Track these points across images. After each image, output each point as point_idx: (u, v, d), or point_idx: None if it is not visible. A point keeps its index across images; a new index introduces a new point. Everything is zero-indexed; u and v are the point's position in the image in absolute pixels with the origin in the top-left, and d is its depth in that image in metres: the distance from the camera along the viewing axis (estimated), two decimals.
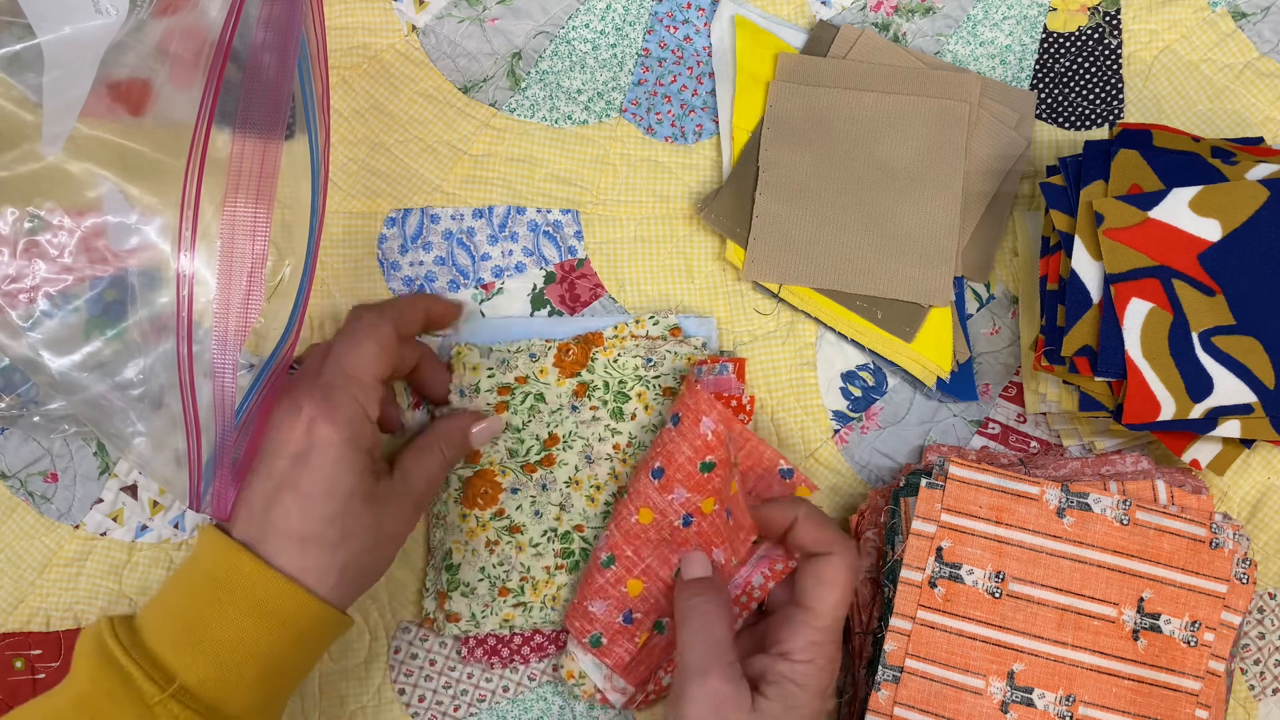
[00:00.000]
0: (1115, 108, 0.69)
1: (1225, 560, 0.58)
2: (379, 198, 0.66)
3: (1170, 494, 0.59)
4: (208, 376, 0.44)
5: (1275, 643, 0.63)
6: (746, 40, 0.68)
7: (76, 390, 0.49)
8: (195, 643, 0.49)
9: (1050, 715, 0.57)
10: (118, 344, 0.49)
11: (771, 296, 0.66)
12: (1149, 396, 0.58)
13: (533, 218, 0.67)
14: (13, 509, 0.63)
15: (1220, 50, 0.69)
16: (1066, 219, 0.62)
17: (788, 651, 0.54)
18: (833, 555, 0.55)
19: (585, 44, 0.68)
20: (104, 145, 0.48)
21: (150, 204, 0.48)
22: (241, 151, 0.43)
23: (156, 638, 0.50)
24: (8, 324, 0.49)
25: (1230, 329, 0.59)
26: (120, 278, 0.49)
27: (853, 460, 0.66)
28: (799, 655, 0.54)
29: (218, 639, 0.49)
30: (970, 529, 0.58)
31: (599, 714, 0.63)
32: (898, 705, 0.57)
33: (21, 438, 0.63)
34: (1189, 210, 0.60)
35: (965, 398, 0.65)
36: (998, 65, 0.69)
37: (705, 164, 0.68)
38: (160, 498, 0.63)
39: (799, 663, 0.53)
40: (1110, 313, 0.59)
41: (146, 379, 0.49)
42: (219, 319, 0.43)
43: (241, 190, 0.43)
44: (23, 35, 0.47)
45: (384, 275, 0.66)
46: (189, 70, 0.45)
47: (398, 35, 0.68)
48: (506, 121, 0.67)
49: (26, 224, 0.49)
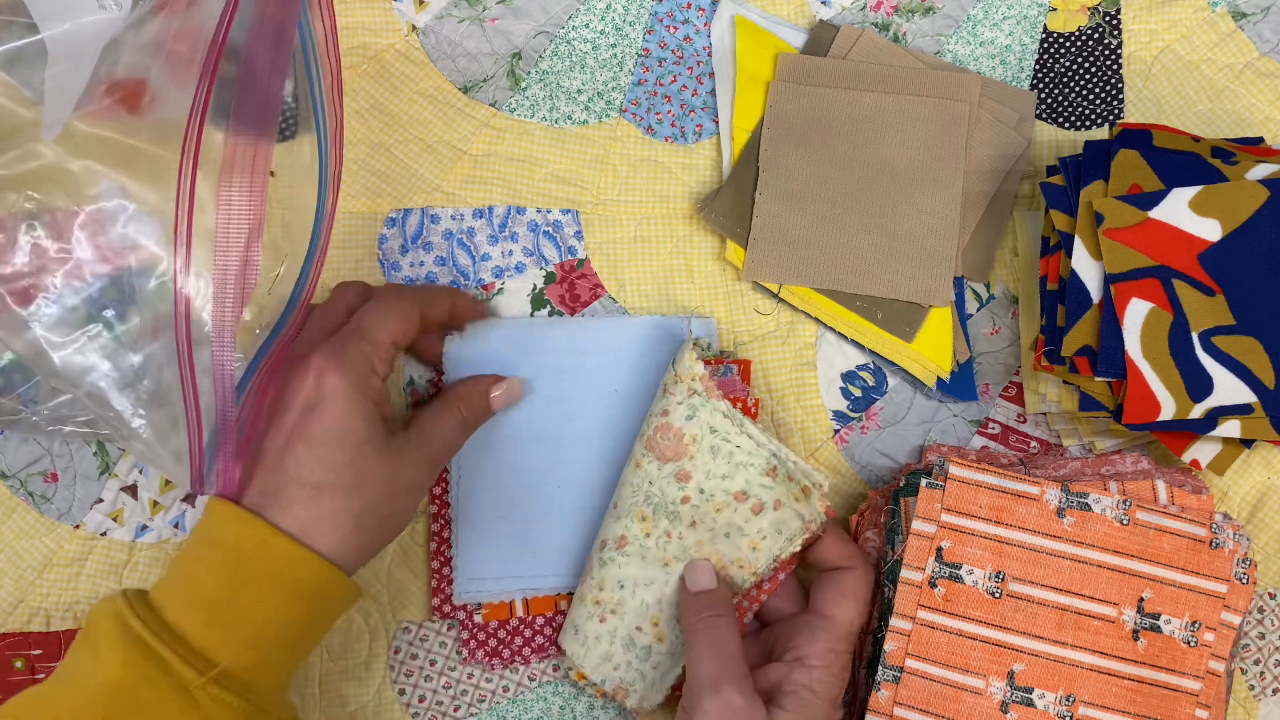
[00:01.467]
0: (1115, 108, 0.69)
1: (1225, 560, 0.58)
2: (379, 198, 0.66)
3: (1170, 494, 0.59)
4: (205, 371, 0.44)
5: (1275, 643, 0.63)
6: (746, 40, 0.68)
7: (78, 384, 0.49)
8: (226, 622, 0.48)
9: (1050, 715, 0.57)
10: (119, 338, 0.49)
11: (771, 296, 0.66)
12: (1149, 396, 0.58)
13: (533, 218, 0.67)
14: (13, 509, 0.63)
15: (1220, 50, 0.69)
16: (1066, 219, 0.62)
17: (804, 657, 0.54)
18: (856, 569, 0.57)
19: (585, 44, 0.68)
20: (103, 143, 0.48)
21: (150, 201, 0.48)
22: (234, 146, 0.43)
23: (183, 617, 0.48)
24: (10, 319, 0.49)
25: (1230, 329, 0.59)
26: (120, 274, 0.49)
27: (853, 460, 0.65)
28: (816, 661, 0.54)
29: (249, 618, 0.49)
30: (970, 529, 0.58)
31: (599, 714, 0.63)
32: (898, 705, 0.57)
33: (21, 438, 0.63)
34: (1189, 210, 0.60)
35: (965, 398, 0.65)
36: (998, 65, 0.69)
37: (705, 164, 0.68)
38: (160, 497, 0.63)
39: (815, 668, 0.54)
40: (1110, 313, 0.59)
41: (148, 373, 0.49)
42: (217, 297, 0.43)
43: (235, 183, 0.43)
44: (24, 33, 0.47)
45: (384, 275, 0.66)
46: (186, 67, 0.45)
47: (398, 35, 0.68)
48: (506, 121, 0.67)
49: (27, 221, 0.49)
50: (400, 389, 0.64)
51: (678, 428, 0.58)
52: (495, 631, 0.62)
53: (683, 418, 0.58)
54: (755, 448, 0.58)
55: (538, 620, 0.62)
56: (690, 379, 0.58)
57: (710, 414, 0.58)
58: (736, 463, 0.58)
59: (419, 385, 0.64)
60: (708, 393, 0.58)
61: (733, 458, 0.58)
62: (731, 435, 0.58)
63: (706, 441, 0.58)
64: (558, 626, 0.62)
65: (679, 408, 0.58)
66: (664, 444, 0.58)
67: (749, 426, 0.58)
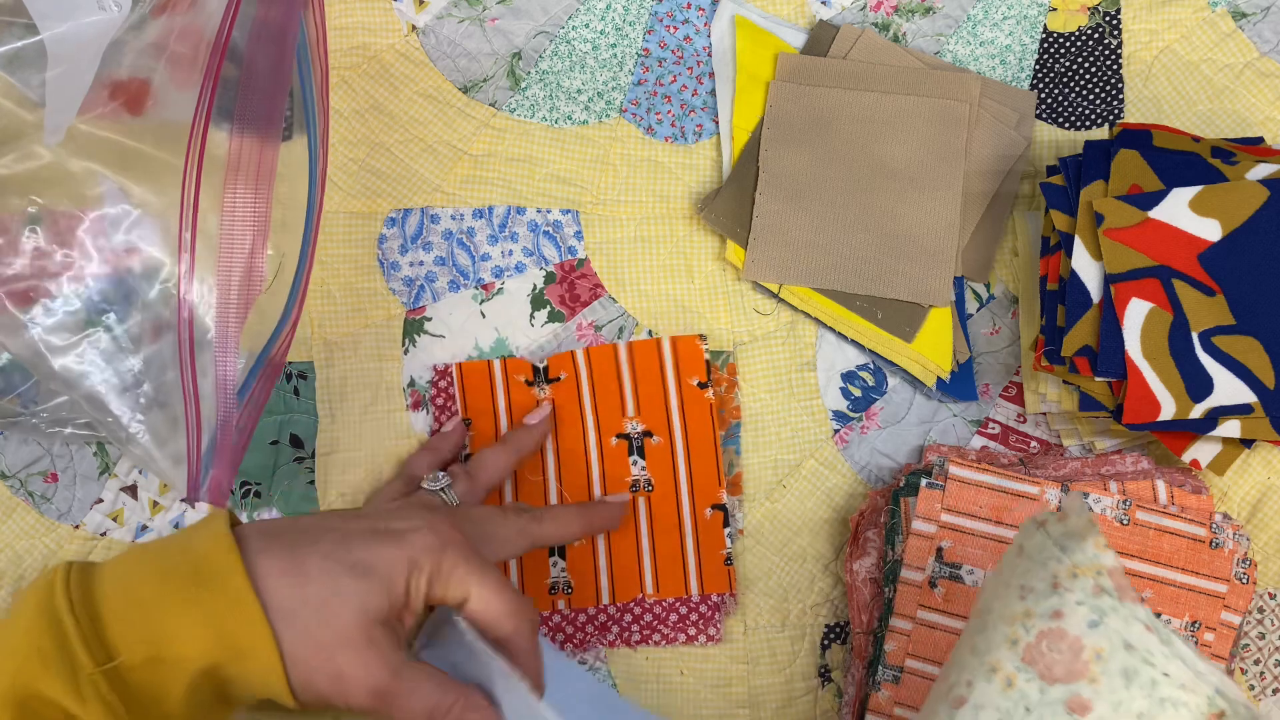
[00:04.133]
0: (1115, 108, 0.69)
1: (1225, 560, 0.58)
2: (379, 198, 0.66)
3: (1170, 494, 0.59)
4: (205, 374, 0.44)
5: (1275, 643, 0.63)
6: (746, 40, 0.68)
7: (77, 386, 0.49)
8: (146, 628, 0.44)
9: None
10: (118, 341, 0.49)
11: (771, 296, 0.66)
12: (1149, 396, 0.58)
13: (533, 218, 0.67)
14: (13, 509, 0.63)
15: (1220, 50, 0.69)
16: (1066, 219, 0.62)
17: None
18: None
19: (585, 44, 0.68)
20: (104, 144, 0.48)
21: (151, 202, 0.48)
22: (240, 146, 0.43)
23: (111, 604, 0.44)
24: (9, 321, 0.49)
25: (1230, 329, 0.59)
26: (121, 275, 0.49)
27: (853, 460, 0.66)
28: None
29: (170, 636, 0.44)
30: (970, 529, 0.58)
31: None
32: (898, 705, 0.57)
33: (21, 438, 0.63)
34: (1189, 210, 0.60)
35: (965, 398, 0.65)
36: (998, 65, 0.69)
37: (705, 164, 0.68)
38: (160, 498, 0.63)
39: None
40: (1110, 313, 0.59)
41: (147, 375, 0.49)
42: (219, 306, 0.43)
43: (240, 185, 0.43)
44: (24, 34, 0.47)
45: (384, 275, 0.66)
46: (188, 69, 0.45)
47: (398, 35, 0.68)
48: (506, 121, 0.67)
49: (27, 222, 0.49)
50: (401, 389, 0.64)
51: (1075, 636, 0.42)
52: None
53: (1084, 624, 0.42)
54: (1192, 678, 0.41)
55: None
56: (1095, 572, 0.43)
57: (1125, 623, 0.42)
58: (1161, 697, 0.41)
59: (420, 386, 0.64)
60: (1121, 593, 0.42)
61: (1156, 689, 0.41)
62: (1156, 656, 0.41)
63: (1117, 661, 0.42)
64: (554, 625, 0.62)
65: (1078, 609, 0.42)
66: (1053, 657, 0.43)
67: (1179, 645, 0.42)
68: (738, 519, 0.64)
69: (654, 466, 0.63)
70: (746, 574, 0.64)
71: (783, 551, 0.64)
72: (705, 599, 0.62)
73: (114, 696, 0.42)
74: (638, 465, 0.63)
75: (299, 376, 0.64)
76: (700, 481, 0.63)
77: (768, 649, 0.63)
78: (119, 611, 0.44)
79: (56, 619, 0.43)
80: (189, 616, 0.44)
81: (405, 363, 0.65)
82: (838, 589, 0.64)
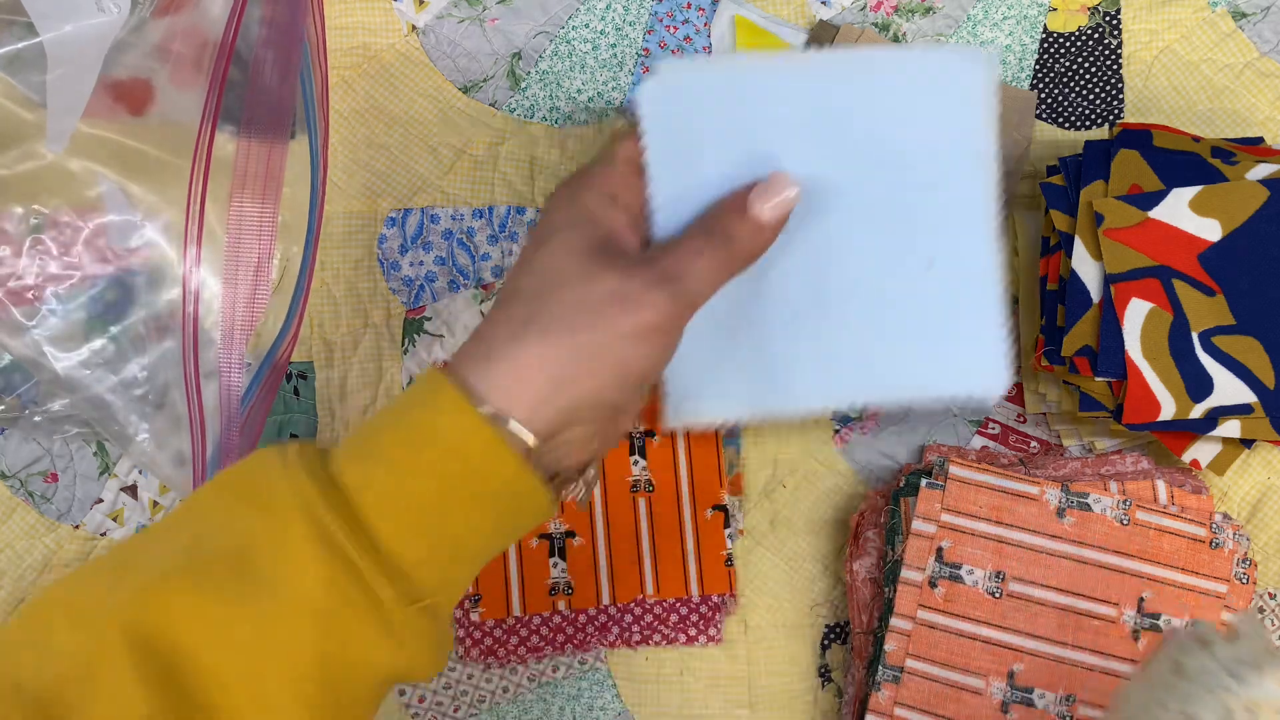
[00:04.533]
0: (1115, 108, 0.69)
1: (1225, 560, 0.58)
2: (379, 198, 0.66)
3: (1170, 494, 0.59)
4: (210, 376, 0.44)
5: (1276, 643, 0.63)
6: (746, 40, 0.68)
7: (79, 388, 0.49)
8: (434, 536, 0.39)
9: (1050, 715, 0.57)
10: (120, 342, 0.49)
11: None
12: (1149, 396, 0.58)
13: (533, 218, 0.67)
14: (13, 509, 0.63)
15: (1220, 50, 0.69)
16: (1066, 219, 0.62)
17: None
18: None
19: (585, 44, 0.68)
20: (105, 144, 0.48)
21: (151, 203, 0.48)
22: (247, 151, 0.43)
23: (391, 526, 0.38)
24: (11, 322, 0.49)
25: (1230, 329, 0.59)
26: (122, 277, 0.49)
27: (853, 460, 0.66)
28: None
29: (471, 546, 0.40)
30: (970, 529, 0.58)
31: (599, 715, 0.63)
32: (898, 705, 0.57)
33: (21, 438, 0.63)
34: (1189, 210, 0.60)
35: None
36: (998, 65, 0.69)
37: None
38: (160, 498, 0.63)
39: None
40: (1110, 313, 0.59)
41: (149, 377, 0.49)
42: (225, 315, 0.43)
43: (248, 188, 0.43)
44: (24, 34, 0.47)
45: (384, 275, 0.66)
46: (190, 70, 0.45)
47: (398, 35, 0.68)
48: (506, 122, 0.68)
49: (29, 223, 0.49)
50: (401, 389, 0.64)
51: None
52: (491, 630, 0.62)
53: None
54: None
55: (534, 619, 0.62)
56: (1276, 712, 0.39)
57: None
58: None
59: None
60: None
61: None
62: None
63: None
64: (555, 626, 0.62)
65: None
66: None
67: None
68: (738, 519, 0.64)
69: (654, 466, 0.63)
70: (747, 574, 0.64)
71: (783, 551, 0.64)
72: (705, 599, 0.62)
73: (423, 620, 0.38)
74: (638, 465, 0.63)
75: (299, 376, 0.65)
76: (701, 482, 0.63)
77: (767, 649, 0.63)
78: (403, 529, 0.38)
79: (354, 568, 0.37)
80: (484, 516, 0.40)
81: (405, 363, 0.65)
82: (838, 589, 0.64)
